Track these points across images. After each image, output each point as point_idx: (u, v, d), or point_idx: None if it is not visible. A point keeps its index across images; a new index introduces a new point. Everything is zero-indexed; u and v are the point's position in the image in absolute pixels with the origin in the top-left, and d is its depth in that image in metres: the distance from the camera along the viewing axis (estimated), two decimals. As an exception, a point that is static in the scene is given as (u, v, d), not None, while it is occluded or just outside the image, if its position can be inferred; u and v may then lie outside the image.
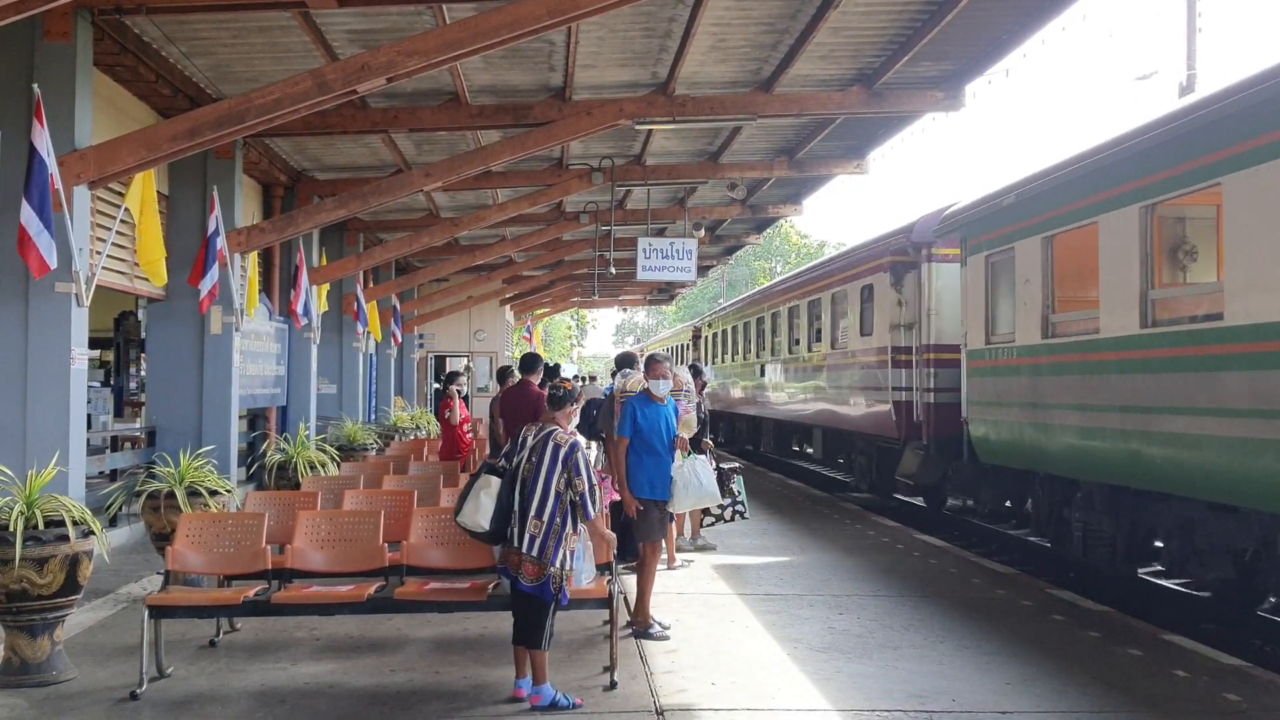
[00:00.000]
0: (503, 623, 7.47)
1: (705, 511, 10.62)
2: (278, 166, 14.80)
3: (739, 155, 15.77)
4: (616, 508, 9.25)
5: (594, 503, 5.97)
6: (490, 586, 6.49)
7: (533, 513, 5.86)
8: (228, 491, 8.74)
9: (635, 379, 10.35)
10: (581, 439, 6.22)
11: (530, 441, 6.02)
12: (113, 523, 10.43)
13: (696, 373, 11.05)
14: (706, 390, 11.73)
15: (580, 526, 6.06)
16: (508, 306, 32.47)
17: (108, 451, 12.14)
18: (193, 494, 8.41)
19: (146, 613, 6.22)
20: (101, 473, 11.28)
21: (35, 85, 7.78)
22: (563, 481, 5.90)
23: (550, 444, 5.95)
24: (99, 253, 9.23)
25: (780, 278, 22.40)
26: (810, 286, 18.93)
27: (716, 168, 15.94)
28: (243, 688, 6.25)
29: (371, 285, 20.73)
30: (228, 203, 11.88)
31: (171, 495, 8.34)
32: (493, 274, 26.26)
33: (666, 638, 7.29)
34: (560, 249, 23.71)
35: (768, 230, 26.40)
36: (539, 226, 20.65)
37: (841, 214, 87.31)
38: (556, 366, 16.34)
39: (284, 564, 6.88)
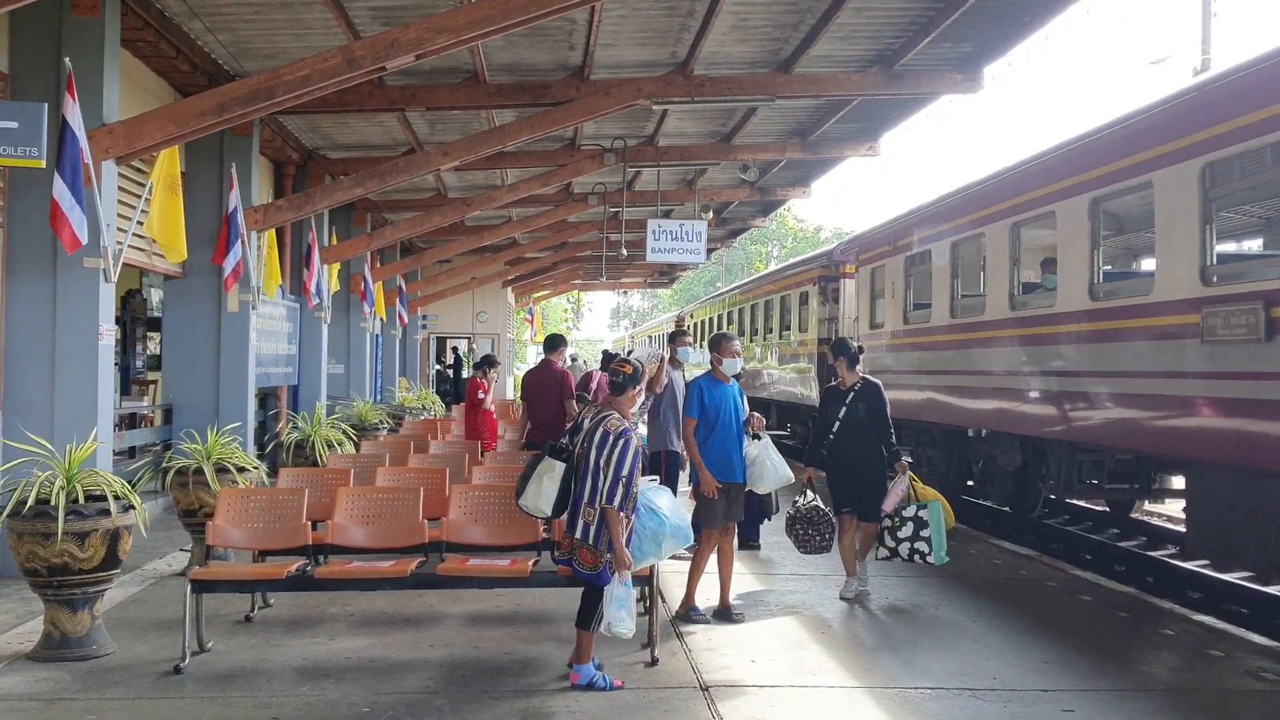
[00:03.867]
0: (536, 599, 7.54)
1: (880, 542, 8.28)
2: (290, 145, 14.74)
3: (752, 137, 15.71)
4: None
5: (625, 494, 5.68)
6: (531, 563, 6.49)
7: (585, 499, 5.76)
8: (255, 468, 8.72)
9: (654, 353, 10.36)
10: (633, 430, 5.88)
11: (587, 425, 5.92)
12: (135, 500, 10.41)
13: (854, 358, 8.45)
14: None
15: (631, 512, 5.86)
16: (509, 289, 32.42)
17: (121, 429, 12.09)
18: (220, 470, 8.40)
19: (189, 587, 6.21)
20: (118, 450, 11.24)
21: (66, 59, 7.72)
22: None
23: (600, 430, 5.81)
24: (124, 230, 9.18)
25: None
26: None
27: (729, 149, 15.89)
28: (285, 662, 6.25)
29: (378, 265, 20.67)
30: (245, 180, 11.84)
31: (200, 471, 8.32)
32: (497, 255, 26.19)
33: (708, 621, 7.32)
34: (565, 230, 23.65)
35: (774, 213, 26.30)
36: (546, 208, 20.59)
37: (841, 201, 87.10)
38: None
39: (323, 539, 6.87)
